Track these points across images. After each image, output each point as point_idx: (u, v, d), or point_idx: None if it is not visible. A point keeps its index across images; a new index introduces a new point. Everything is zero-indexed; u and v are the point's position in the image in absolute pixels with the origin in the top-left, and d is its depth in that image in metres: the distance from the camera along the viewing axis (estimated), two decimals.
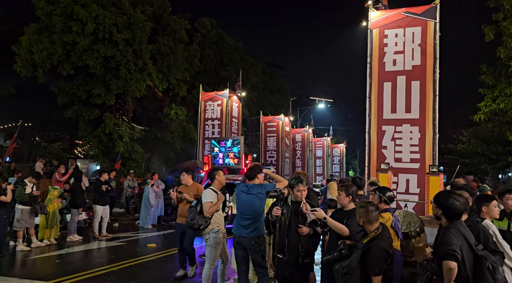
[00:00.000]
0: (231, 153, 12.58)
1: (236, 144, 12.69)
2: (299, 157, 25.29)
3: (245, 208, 4.72)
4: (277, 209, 4.16)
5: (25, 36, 15.04)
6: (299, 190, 4.28)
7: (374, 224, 3.55)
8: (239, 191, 4.86)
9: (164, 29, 19.05)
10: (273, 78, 32.22)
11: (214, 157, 12.94)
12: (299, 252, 4.15)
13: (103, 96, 16.05)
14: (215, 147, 12.96)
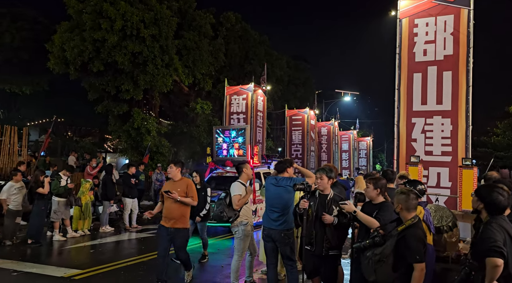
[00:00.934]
0: (235, 144, 11.54)
1: (241, 134, 11.59)
2: (325, 151, 25.04)
3: (274, 201, 4.76)
4: (304, 202, 4.17)
5: (58, 34, 15.56)
6: (316, 177, 4.31)
7: (412, 212, 3.48)
8: (268, 184, 4.90)
9: (189, 24, 19.22)
10: (298, 72, 31.96)
11: (218, 147, 11.93)
12: (323, 243, 4.15)
13: (131, 92, 16.41)
14: (219, 136, 11.91)
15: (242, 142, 11.46)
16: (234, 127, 11.85)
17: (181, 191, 5.26)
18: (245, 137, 11.50)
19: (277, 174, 4.96)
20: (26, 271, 6.25)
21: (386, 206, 4.02)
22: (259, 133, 17.24)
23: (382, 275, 3.34)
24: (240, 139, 11.51)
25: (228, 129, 11.83)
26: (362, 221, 3.98)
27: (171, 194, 5.15)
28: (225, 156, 11.62)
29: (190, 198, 5.31)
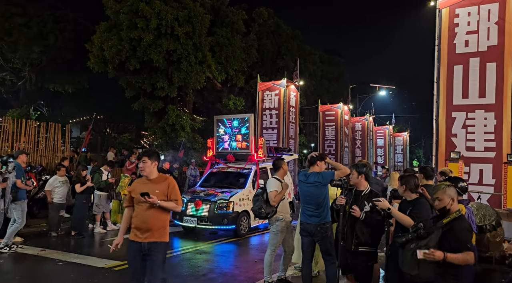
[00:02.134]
0: (238, 135, 10.14)
1: (244, 122, 10.10)
2: (359, 147, 24.55)
3: (306, 197, 4.76)
4: (341, 198, 4.15)
5: (97, 35, 16.17)
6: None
7: (458, 205, 3.42)
8: (299, 181, 4.88)
9: (222, 21, 19.37)
10: (331, 66, 31.45)
11: (218, 139, 10.50)
12: (353, 239, 4.14)
13: (166, 89, 16.80)
14: (221, 127, 10.46)
15: (245, 132, 10.04)
16: (237, 116, 10.43)
17: (160, 193, 3.84)
18: (249, 127, 10.01)
19: (309, 166, 4.92)
20: (70, 261, 6.57)
21: (420, 203, 3.91)
22: (292, 129, 17.16)
23: (426, 269, 3.25)
24: (244, 129, 10.04)
25: (230, 118, 10.46)
26: (396, 218, 3.90)
27: (148, 198, 3.71)
28: (226, 149, 10.32)
29: (174, 202, 3.92)
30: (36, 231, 8.90)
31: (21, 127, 12.04)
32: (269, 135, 16.72)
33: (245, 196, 9.12)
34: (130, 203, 4.00)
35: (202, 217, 8.65)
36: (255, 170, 9.65)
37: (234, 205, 8.75)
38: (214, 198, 8.81)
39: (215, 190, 9.21)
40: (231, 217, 8.65)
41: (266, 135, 16.74)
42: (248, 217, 9.09)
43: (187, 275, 6.08)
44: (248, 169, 9.75)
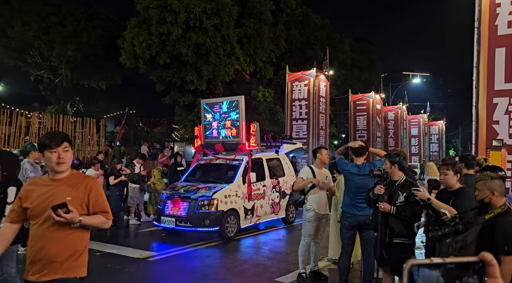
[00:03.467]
0: (227, 121, 8.77)
1: (233, 107, 8.66)
2: (392, 136, 23.90)
3: (359, 189, 4.54)
4: (380, 188, 3.98)
5: (128, 30, 16.50)
6: None
7: (503, 198, 3.15)
8: (348, 173, 4.68)
9: (250, 12, 19.24)
10: (362, 54, 30.65)
11: (206, 127, 9.20)
12: (386, 230, 3.99)
13: (196, 82, 16.94)
14: (208, 113, 9.12)
15: (235, 118, 8.63)
16: (226, 99, 9.04)
17: (75, 202, 2.38)
18: (239, 112, 8.53)
19: (355, 157, 4.75)
20: (107, 251, 6.78)
21: (464, 192, 3.69)
22: (322, 119, 16.90)
23: None
24: (233, 115, 8.64)
25: (218, 102, 9.06)
26: (436, 209, 3.70)
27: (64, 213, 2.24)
28: (215, 137, 8.99)
29: (101, 215, 2.55)
30: None
31: (59, 123, 12.53)
32: (299, 126, 16.55)
33: (232, 192, 7.80)
34: (15, 218, 2.45)
35: (181, 217, 7.44)
36: (247, 162, 8.28)
37: (218, 203, 7.41)
38: (195, 195, 7.55)
39: (198, 185, 7.95)
40: (213, 217, 7.30)
41: (295, 127, 16.59)
42: (237, 217, 7.78)
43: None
44: (238, 161, 8.39)
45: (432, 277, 0.74)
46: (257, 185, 8.38)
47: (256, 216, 8.37)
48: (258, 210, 8.37)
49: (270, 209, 8.75)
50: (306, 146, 15.94)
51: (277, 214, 8.99)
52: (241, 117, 8.51)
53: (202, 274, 5.74)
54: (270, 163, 9.08)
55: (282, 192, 9.11)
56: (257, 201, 8.33)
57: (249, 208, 8.13)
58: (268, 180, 8.76)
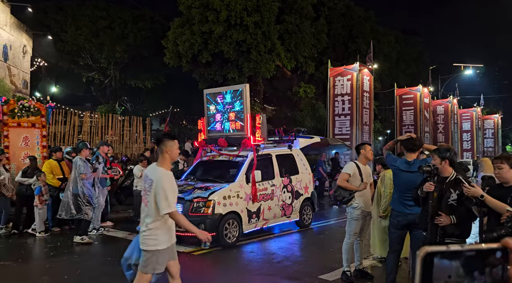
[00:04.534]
0: (231, 113, 7.86)
1: (238, 97, 7.71)
2: (442, 131, 22.75)
3: (408, 187, 4.30)
4: (430, 185, 3.75)
5: (171, 31, 16.95)
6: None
7: None
8: (397, 169, 4.46)
9: (290, 7, 19.07)
10: (408, 47, 29.37)
11: (209, 120, 8.34)
12: (437, 230, 3.75)
13: (237, 79, 17.07)
14: (211, 104, 8.23)
15: (240, 109, 7.71)
16: (229, 89, 8.13)
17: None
18: (243, 102, 7.63)
19: (406, 153, 4.52)
20: None
21: None
22: (366, 115, 16.41)
23: None
24: (238, 105, 7.73)
25: (221, 92, 8.11)
26: (491, 207, 3.43)
27: None
28: (219, 131, 8.15)
29: None
30: (123, 217, 9.65)
31: (109, 122, 13.12)
32: (342, 122, 16.18)
33: (233, 192, 6.95)
34: None
35: None
36: (252, 158, 7.42)
37: (215, 205, 6.57)
38: (189, 196, 6.72)
39: (195, 184, 7.19)
40: (210, 221, 6.43)
41: (338, 123, 16.24)
42: (238, 221, 6.93)
43: None
44: (242, 157, 7.53)
45: (449, 266, 0.69)
46: (264, 184, 7.47)
47: (263, 219, 7.44)
48: (265, 212, 7.43)
49: (280, 212, 7.78)
50: (349, 142, 15.56)
51: (289, 217, 8.05)
52: (246, 109, 7.57)
53: (246, 269, 5.77)
54: (281, 159, 8.14)
55: (296, 192, 8.16)
56: (263, 202, 7.41)
57: (254, 210, 7.23)
58: (277, 179, 7.84)
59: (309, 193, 8.54)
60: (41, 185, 7.41)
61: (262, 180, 7.39)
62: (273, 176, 7.78)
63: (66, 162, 8.14)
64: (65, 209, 7.05)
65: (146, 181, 3.49)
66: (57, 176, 7.81)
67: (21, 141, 8.53)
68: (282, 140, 8.43)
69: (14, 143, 8.45)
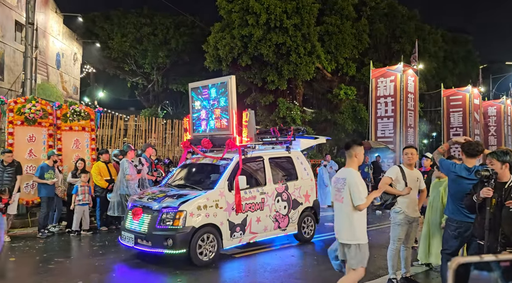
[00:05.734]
0: (216, 109, 6.78)
1: (222, 90, 6.66)
2: (493, 134, 21.42)
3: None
4: (488, 190, 3.50)
5: (211, 35, 17.25)
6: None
7: None
8: (456, 175, 4.19)
9: (331, 8, 18.81)
10: (457, 45, 28.02)
11: (194, 116, 7.28)
12: (498, 239, 3.49)
13: (276, 82, 17.05)
14: (196, 99, 7.19)
15: (224, 105, 6.65)
16: (214, 82, 6.92)
17: None
18: (228, 96, 6.57)
19: (466, 158, 4.23)
20: None
21: None
22: (411, 117, 15.80)
23: None
24: (223, 101, 6.67)
25: (206, 85, 6.98)
26: None
27: None
28: (204, 131, 7.11)
29: None
30: None
31: (152, 125, 13.53)
32: (384, 124, 15.68)
33: (210, 201, 5.86)
34: None
35: (140, 234, 5.71)
36: (237, 162, 6.37)
37: (186, 216, 5.55)
38: (158, 205, 5.77)
39: (169, 191, 6.25)
40: (180, 235, 5.47)
41: (380, 125, 15.75)
42: (217, 235, 5.88)
43: None
44: (226, 160, 6.47)
45: (484, 277, 0.66)
46: (253, 192, 6.39)
47: (250, 232, 6.33)
48: (252, 224, 6.33)
49: (273, 223, 6.65)
50: (392, 145, 15.04)
51: (285, 230, 6.89)
52: (231, 104, 6.51)
53: (286, 273, 5.68)
54: (276, 163, 7.11)
55: (293, 200, 7.02)
56: (251, 213, 6.31)
57: (238, 222, 6.13)
58: (270, 185, 6.72)
59: (310, 202, 7.36)
60: (79, 185, 7.73)
61: (249, 186, 6.34)
62: (264, 182, 6.71)
63: (113, 164, 8.45)
64: (113, 208, 7.28)
65: (338, 182, 3.96)
66: (105, 177, 8.13)
67: (72, 144, 8.97)
68: (280, 141, 7.35)
69: (66, 145, 8.90)
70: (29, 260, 6.17)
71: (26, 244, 6.94)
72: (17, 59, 16.18)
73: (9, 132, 8.21)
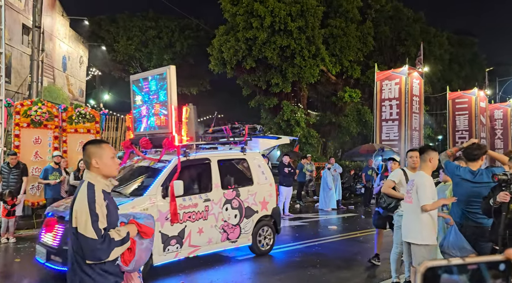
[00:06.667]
0: (156, 104, 6.00)
1: (161, 83, 5.86)
2: (500, 137, 21.24)
3: (471, 198, 4.04)
4: (505, 195, 3.44)
5: (216, 38, 17.30)
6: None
7: None
8: (460, 178, 4.15)
9: (335, 11, 18.82)
10: (462, 48, 27.88)
11: (136, 114, 6.47)
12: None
13: (281, 85, 17.07)
14: (137, 94, 6.38)
15: (164, 99, 5.86)
16: (154, 73, 6.17)
17: None
18: (167, 89, 5.77)
19: (468, 162, 4.18)
20: None
21: None
22: (416, 120, 15.72)
23: None
24: (163, 95, 5.88)
25: (147, 78, 6.19)
26: None
27: None
28: (144, 129, 6.31)
29: None
30: None
31: None
32: (389, 127, 15.61)
33: (138, 210, 5.05)
34: None
35: (52, 249, 4.92)
36: (175, 165, 5.53)
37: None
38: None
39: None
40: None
41: (385, 128, 15.68)
42: None
43: None
44: (164, 162, 5.67)
45: (451, 281, 0.68)
46: (194, 199, 5.59)
47: (190, 245, 5.50)
48: (193, 236, 5.51)
49: (220, 235, 5.83)
50: (397, 148, 14.96)
51: (235, 242, 6.05)
52: (170, 98, 5.70)
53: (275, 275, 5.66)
54: (227, 166, 6.29)
55: (246, 208, 6.17)
56: (191, 223, 5.49)
57: (174, 234, 5.31)
58: (217, 191, 5.88)
59: (268, 210, 6.55)
60: None
61: (190, 193, 5.62)
62: (210, 188, 5.86)
63: None
64: None
65: (409, 184, 4.19)
66: None
67: (78, 146, 9.03)
68: (235, 142, 6.61)
69: (71, 147, 8.97)
70: (34, 261, 6.21)
71: (32, 245, 6.98)
72: (24, 62, 16.35)
73: (15, 135, 8.30)
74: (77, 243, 2.17)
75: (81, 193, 2.25)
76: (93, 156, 2.32)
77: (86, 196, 2.21)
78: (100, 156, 2.33)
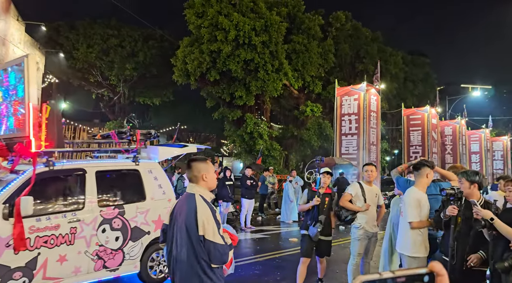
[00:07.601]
0: (15, 102, 4.80)
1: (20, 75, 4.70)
2: (450, 152, 22.51)
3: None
4: (453, 208, 3.64)
5: (180, 49, 17.23)
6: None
7: None
8: (431, 194, 4.33)
9: (298, 27, 19.37)
10: (416, 67, 29.53)
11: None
12: (464, 257, 3.61)
13: (244, 98, 17.20)
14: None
15: (21, 96, 4.70)
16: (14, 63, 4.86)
17: None
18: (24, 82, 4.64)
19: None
20: None
21: None
22: (373, 134, 16.34)
23: None
24: (21, 89, 4.73)
25: (6, 69, 4.96)
26: (500, 231, 3.33)
27: None
28: (5, 131, 5.04)
29: None
30: None
31: None
32: (348, 141, 16.11)
33: None
34: None
35: None
36: (29, 177, 4.34)
37: None
38: None
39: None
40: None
41: (345, 142, 16.16)
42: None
43: None
44: (16, 173, 4.51)
45: None
46: (55, 219, 4.43)
47: (45, 278, 4.30)
48: (49, 266, 4.34)
49: (94, 262, 4.70)
50: (356, 161, 15.44)
51: (116, 270, 4.91)
52: (28, 94, 4.58)
53: None
54: (110, 178, 5.20)
55: (133, 229, 5.08)
56: (47, 249, 4.33)
57: (19, 265, 4.14)
58: (90, 209, 4.77)
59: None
60: None
61: (50, 212, 4.47)
62: (81, 205, 4.73)
63: None
64: None
65: (402, 197, 4.39)
66: None
67: None
68: (126, 150, 5.71)
69: None
70: None
71: None
72: None
73: None
74: (202, 249, 2.44)
75: (199, 204, 2.52)
76: (203, 171, 2.63)
77: (208, 207, 2.53)
78: (207, 170, 2.65)
